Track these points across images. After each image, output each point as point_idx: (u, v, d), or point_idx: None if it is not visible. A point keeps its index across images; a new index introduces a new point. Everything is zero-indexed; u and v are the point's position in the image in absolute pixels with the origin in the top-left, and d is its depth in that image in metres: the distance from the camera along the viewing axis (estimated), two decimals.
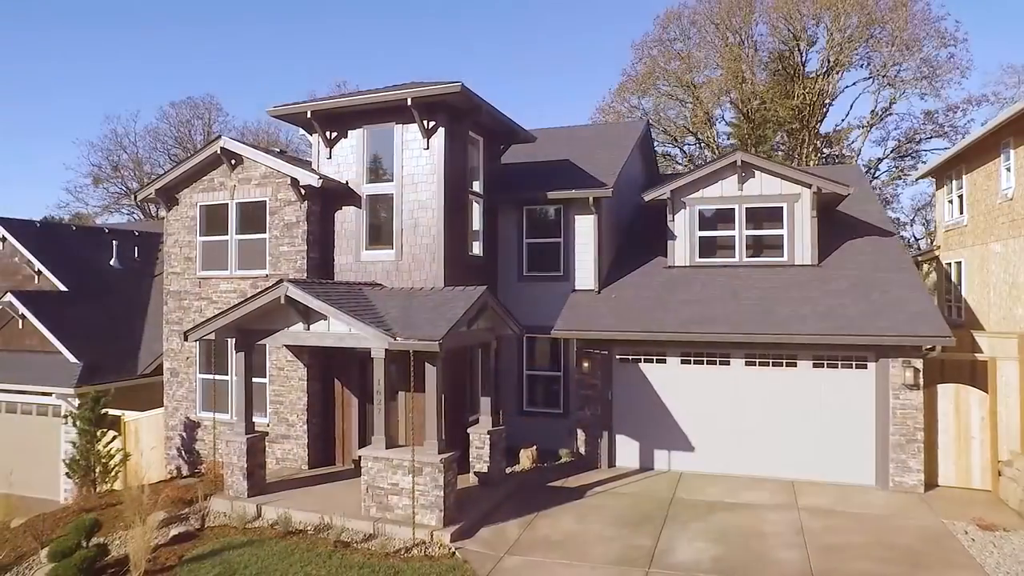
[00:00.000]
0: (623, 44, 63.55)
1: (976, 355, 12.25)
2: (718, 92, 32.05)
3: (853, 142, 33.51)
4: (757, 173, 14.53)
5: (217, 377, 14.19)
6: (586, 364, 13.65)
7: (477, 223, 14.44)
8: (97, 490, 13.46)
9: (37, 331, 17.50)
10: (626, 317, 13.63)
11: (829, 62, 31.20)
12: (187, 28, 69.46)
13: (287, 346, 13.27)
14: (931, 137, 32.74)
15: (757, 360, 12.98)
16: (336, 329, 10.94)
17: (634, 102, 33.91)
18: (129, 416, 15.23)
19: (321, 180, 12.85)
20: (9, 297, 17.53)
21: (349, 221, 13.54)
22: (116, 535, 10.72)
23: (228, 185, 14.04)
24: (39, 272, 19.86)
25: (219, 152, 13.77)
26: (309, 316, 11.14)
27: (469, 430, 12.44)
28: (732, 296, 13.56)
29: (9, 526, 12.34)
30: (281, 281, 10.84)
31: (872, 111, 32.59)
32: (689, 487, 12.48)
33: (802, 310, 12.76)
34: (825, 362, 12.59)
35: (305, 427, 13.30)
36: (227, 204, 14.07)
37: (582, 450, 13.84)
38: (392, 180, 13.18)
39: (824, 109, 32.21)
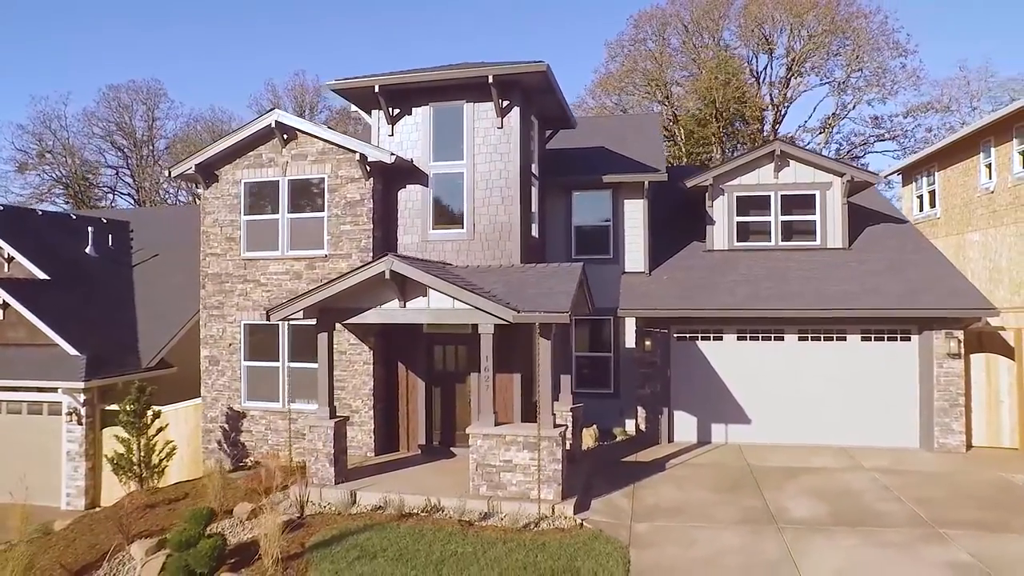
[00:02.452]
0: (576, 43, 64.77)
1: (1003, 327, 13.59)
2: (690, 91, 33.60)
3: (808, 144, 35.98)
4: (792, 162, 15.41)
5: (261, 364, 13.49)
6: (647, 343, 13.98)
7: (534, 205, 14.45)
8: (144, 487, 12.38)
9: (24, 322, 15.82)
10: (683, 296, 14.08)
11: (790, 69, 33.46)
12: (135, 14, 64.23)
13: (350, 329, 12.77)
14: (879, 140, 35.86)
15: (809, 335, 13.79)
16: (438, 305, 10.69)
17: (615, 99, 34.92)
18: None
19: (394, 157, 12.48)
20: None
21: (414, 199, 13.20)
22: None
23: (279, 161, 13.33)
24: (10, 259, 18.01)
25: (272, 126, 13.06)
26: (405, 292, 10.84)
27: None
28: (779, 276, 14.31)
29: (52, 529, 11.18)
30: (387, 254, 10.48)
31: (834, 114, 35.26)
32: (755, 456, 13.06)
33: (850, 287, 13.68)
34: (872, 335, 13.57)
35: (371, 413, 12.84)
36: (278, 181, 13.35)
37: (642, 427, 14.16)
38: (462, 158, 12.97)
39: (784, 111, 34.54)
